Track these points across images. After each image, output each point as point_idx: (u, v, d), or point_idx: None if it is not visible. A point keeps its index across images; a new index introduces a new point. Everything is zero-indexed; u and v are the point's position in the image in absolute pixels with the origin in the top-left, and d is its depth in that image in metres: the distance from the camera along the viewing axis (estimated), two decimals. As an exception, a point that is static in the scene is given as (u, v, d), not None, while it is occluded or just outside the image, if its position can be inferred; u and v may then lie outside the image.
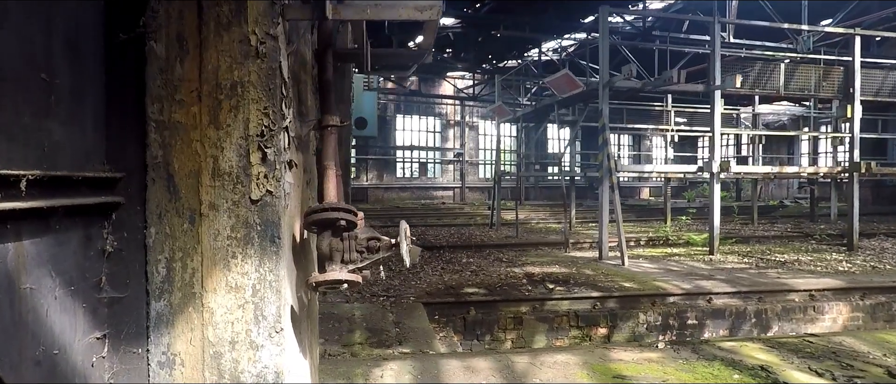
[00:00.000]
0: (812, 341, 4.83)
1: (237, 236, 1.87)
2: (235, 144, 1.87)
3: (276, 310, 1.91)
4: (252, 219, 1.88)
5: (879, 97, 10.65)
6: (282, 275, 1.93)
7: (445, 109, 27.03)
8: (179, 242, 1.86)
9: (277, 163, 1.92)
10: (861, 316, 7.13)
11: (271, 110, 1.90)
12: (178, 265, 1.86)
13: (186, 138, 1.87)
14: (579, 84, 9.39)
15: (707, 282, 7.48)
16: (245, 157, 1.88)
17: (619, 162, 8.99)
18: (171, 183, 1.86)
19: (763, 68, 9.92)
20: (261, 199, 1.89)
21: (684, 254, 9.98)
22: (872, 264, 8.75)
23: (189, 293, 1.86)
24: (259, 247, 1.89)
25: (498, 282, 7.54)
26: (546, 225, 15.94)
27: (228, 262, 1.86)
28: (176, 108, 1.87)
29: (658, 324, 6.69)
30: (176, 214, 1.86)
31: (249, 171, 1.88)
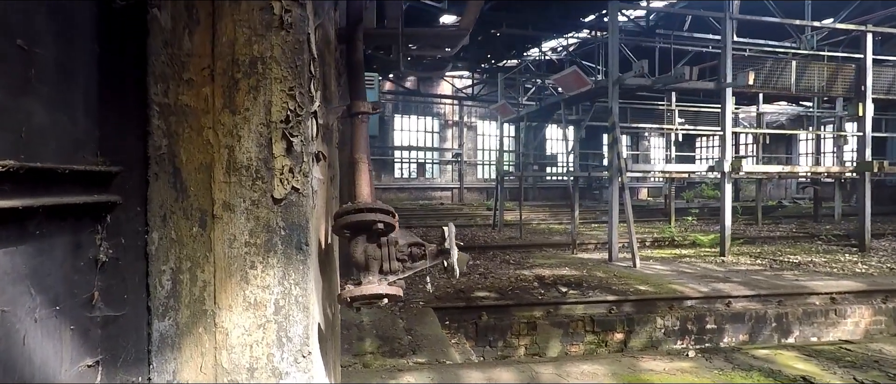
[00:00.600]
0: (850, 349, 4.55)
1: (257, 242, 1.56)
2: (255, 132, 1.55)
3: (303, 330, 1.60)
4: (275, 221, 1.57)
5: (891, 95, 10.44)
6: (310, 289, 1.62)
7: (444, 109, 26.72)
8: (187, 250, 1.54)
9: (304, 154, 1.61)
10: (884, 319, 6.89)
11: (298, 92, 1.59)
12: (186, 277, 1.54)
13: (196, 125, 1.55)
14: (588, 81, 9.11)
15: (723, 284, 7.21)
16: (267, 147, 1.57)
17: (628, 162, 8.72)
18: (177, 178, 1.54)
19: (773, 66, 9.68)
20: (285, 198, 1.58)
21: (694, 255, 9.72)
22: (889, 266, 8.52)
23: (199, 310, 1.55)
24: (283, 256, 1.58)
25: (508, 285, 7.25)
26: (548, 226, 15.67)
27: (246, 274, 1.55)
28: (184, 88, 1.55)
29: (676, 329, 6.41)
30: (183, 216, 1.54)
31: (272, 165, 1.57)
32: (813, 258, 9.13)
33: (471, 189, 27.06)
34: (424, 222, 17.13)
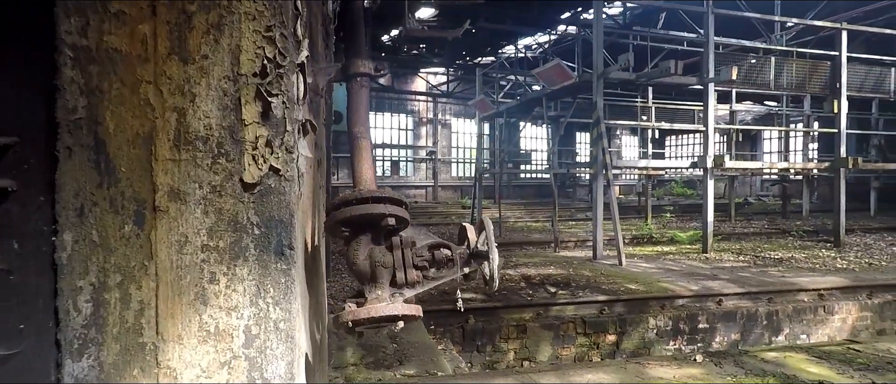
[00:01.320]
0: (858, 350, 4.32)
1: (220, 246, 1.09)
2: (217, 89, 1.08)
3: (285, 368, 1.13)
4: (245, 216, 1.10)
5: (863, 92, 10.51)
6: (295, 310, 1.15)
7: (418, 106, 26.21)
8: (117, 257, 1.06)
9: (288, 122, 1.14)
10: (870, 315, 6.78)
11: (279, 33, 1.12)
12: (115, 296, 1.06)
13: (130, 79, 1.07)
14: (571, 75, 8.80)
15: (712, 282, 6.99)
16: (233, 110, 1.10)
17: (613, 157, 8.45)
18: (101, 155, 1.06)
19: (753, 63, 9.58)
20: (260, 184, 1.11)
21: (676, 251, 9.54)
22: (867, 261, 8.50)
23: (134, 344, 1.07)
24: (257, 264, 1.11)
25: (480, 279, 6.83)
26: (525, 224, 15.38)
27: (204, 291, 1.08)
28: (111, 25, 1.06)
29: (668, 329, 6.14)
30: (110, 209, 1.06)
31: (241, 136, 1.10)
32: (793, 254, 9.06)
33: (445, 187, 26.65)
34: (400, 221, 16.63)
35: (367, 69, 1.43)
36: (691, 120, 18.42)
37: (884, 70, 10.86)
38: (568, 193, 26.52)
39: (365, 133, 1.39)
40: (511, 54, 19.87)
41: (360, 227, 1.24)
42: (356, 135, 1.38)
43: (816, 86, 10.05)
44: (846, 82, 9.81)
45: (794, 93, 10.94)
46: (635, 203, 20.53)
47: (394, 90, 24.61)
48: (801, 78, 9.87)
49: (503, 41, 19.89)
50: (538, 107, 11.61)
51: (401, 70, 23.81)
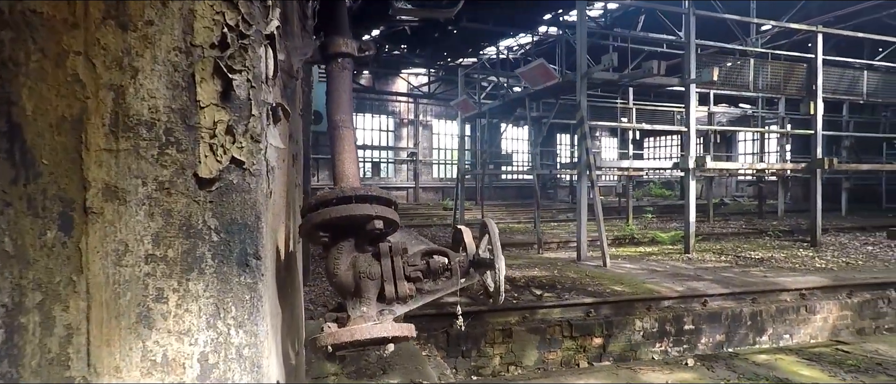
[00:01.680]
0: (847, 351, 4.27)
1: (169, 256, 0.88)
2: (165, 64, 0.88)
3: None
4: (201, 218, 0.90)
5: (837, 95, 10.66)
6: (262, 332, 0.95)
7: (399, 107, 25.97)
8: (36, 271, 0.85)
9: (254, 104, 0.94)
10: (850, 314, 6.80)
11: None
12: (34, 320, 0.85)
13: (53, 48, 0.86)
14: (555, 74, 8.70)
15: (697, 283, 6.94)
16: (186, 89, 0.90)
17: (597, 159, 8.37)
18: (15, 143, 0.84)
19: (733, 64, 9.62)
20: (220, 179, 0.91)
21: (659, 252, 9.51)
22: (844, 260, 8.57)
23: (59, 380, 0.86)
24: (216, 278, 0.91)
25: (478, 288, 6.66)
26: (507, 225, 15.27)
27: (149, 312, 0.88)
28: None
29: (654, 331, 6.04)
30: (28, 211, 0.84)
31: (195, 121, 0.90)
32: (773, 254, 9.11)
33: (426, 188, 26.45)
34: (381, 222, 16.37)
35: (349, 49, 1.23)
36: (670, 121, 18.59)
37: (856, 73, 11.04)
38: (549, 194, 26.58)
39: (347, 122, 1.20)
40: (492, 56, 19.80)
41: (342, 232, 1.05)
42: (337, 124, 1.18)
43: (793, 88, 10.15)
44: (822, 84, 9.92)
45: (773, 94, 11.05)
46: (615, 204, 20.64)
47: (374, 91, 24.33)
48: (779, 80, 9.96)
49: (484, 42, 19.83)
50: (520, 107, 11.51)
51: (382, 70, 23.56)
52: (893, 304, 7.07)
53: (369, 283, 1.01)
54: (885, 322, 7.01)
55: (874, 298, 6.98)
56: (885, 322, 7.01)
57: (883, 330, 6.94)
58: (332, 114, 1.21)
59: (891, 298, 7.08)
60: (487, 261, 1.06)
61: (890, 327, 7.00)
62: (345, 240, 1.05)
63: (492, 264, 1.05)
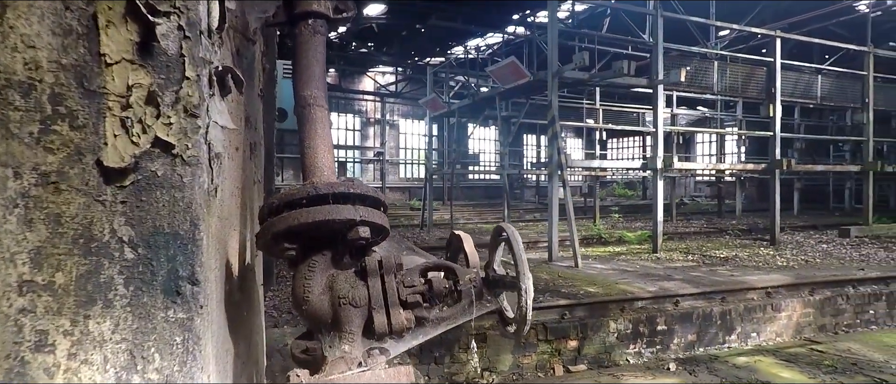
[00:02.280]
0: (821, 350, 4.24)
1: (56, 282, 0.60)
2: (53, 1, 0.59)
3: None
4: (107, 226, 0.62)
5: (794, 98, 10.95)
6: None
7: (366, 106, 25.48)
8: None
9: (190, 63, 0.66)
10: (812, 311, 6.90)
11: None
12: None
13: None
14: (526, 73, 8.56)
15: (668, 283, 6.91)
16: (83, 36, 0.61)
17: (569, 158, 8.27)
18: None
19: (698, 66, 9.73)
20: (137, 169, 0.63)
21: (627, 252, 9.51)
22: (803, 258, 8.77)
23: None
24: (132, 313, 0.63)
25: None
26: (476, 225, 15.11)
27: (25, 365, 0.59)
28: None
29: (629, 333, 5.94)
30: None
31: (99, 83, 0.62)
32: (737, 253, 9.24)
33: (393, 189, 26.06)
34: (347, 223, 15.95)
35: (321, 8, 0.96)
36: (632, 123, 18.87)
37: (811, 77, 11.39)
38: (516, 195, 26.62)
39: (321, 99, 0.92)
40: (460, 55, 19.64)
41: (315, 243, 0.78)
42: (307, 101, 0.91)
43: (754, 90, 10.36)
44: (780, 87, 10.16)
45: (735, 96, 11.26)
46: (581, 204, 20.83)
47: (341, 89, 23.80)
48: (741, 82, 10.14)
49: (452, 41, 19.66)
50: (490, 107, 11.34)
51: (348, 68, 23.06)
52: (852, 301, 7.24)
53: (352, 312, 0.74)
54: (845, 318, 7.16)
55: (834, 295, 7.11)
56: (845, 318, 7.16)
57: (842, 326, 7.09)
58: (301, 88, 0.93)
59: (849, 295, 7.24)
60: (507, 280, 0.82)
61: (849, 323, 7.16)
62: (319, 253, 0.78)
63: (513, 283, 0.81)
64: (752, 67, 10.52)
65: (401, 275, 0.78)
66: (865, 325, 7.28)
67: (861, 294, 7.33)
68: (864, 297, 7.35)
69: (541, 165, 20.98)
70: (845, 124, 17.76)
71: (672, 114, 14.20)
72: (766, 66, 10.47)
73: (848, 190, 18.66)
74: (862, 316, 7.31)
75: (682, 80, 8.42)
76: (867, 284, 7.51)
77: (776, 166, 10.19)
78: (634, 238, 10.95)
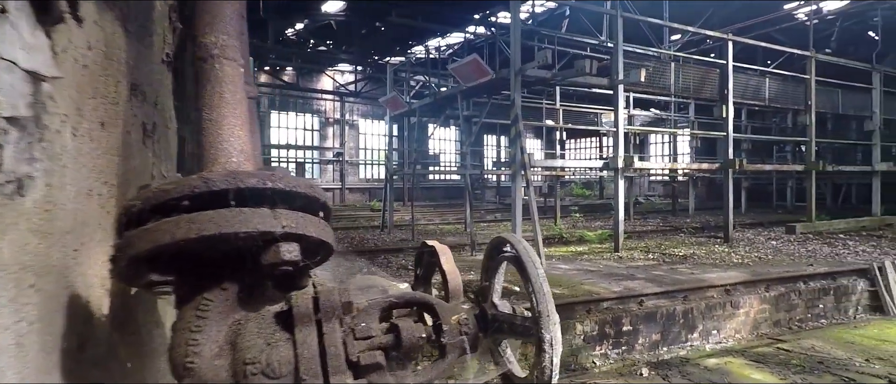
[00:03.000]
0: (788, 350, 4.19)
1: None
2: None
3: None
4: None
5: (745, 99, 11.24)
6: None
7: (324, 106, 24.77)
8: None
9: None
10: (768, 307, 7.00)
11: None
12: None
13: None
14: (489, 71, 8.36)
15: (632, 282, 6.84)
16: None
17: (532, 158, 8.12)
18: None
19: (655, 68, 9.80)
20: None
21: (589, 251, 9.47)
22: (756, 255, 8.95)
23: None
24: None
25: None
26: (437, 226, 14.84)
27: None
28: None
29: (595, 334, 5.81)
30: None
31: None
32: (694, 250, 9.35)
33: (353, 190, 25.47)
34: (305, 225, 15.34)
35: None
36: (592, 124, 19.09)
37: (760, 79, 11.74)
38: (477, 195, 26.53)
39: (230, 50, 0.61)
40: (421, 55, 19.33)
41: (208, 271, 0.47)
42: (209, 50, 0.60)
43: (708, 91, 10.55)
44: (733, 89, 10.39)
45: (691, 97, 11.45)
46: (542, 204, 20.92)
47: (299, 88, 23.04)
48: (696, 83, 10.31)
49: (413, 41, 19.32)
50: (451, 106, 11.10)
51: (306, 66, 22.34)
52: (803, 296, 7.40)
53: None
54: (797, 313, 7.31)
55: (787, 291, 7.25)
56: (797, 313, 7.31)
57: (795, 321, 7.23)
58: (202, 33, 0.62)
59: (801, 291, 7.40)
60: (517, 323, 0.51)
61: (801, 318, 7.31)
62: (214, 288, 0.47)
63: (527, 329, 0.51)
64: (705, 70, 10.72)
65: (351, 320, 0.49)
66: (816, 319, 7.46)
67: (812, 289, 7.52)
68: (815, 292, 7.54)
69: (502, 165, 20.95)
70: (787, 126, 18.57)
71: (629, 114, 14.36)
72: (719, 67, 10.68)
73: (790, 189, 19.51)
74: (812, 310, 7.49)
75: (641, 79, 8.42)
76: (817, 279, 7.71)
77: (729, 166, 10.41)
78: (595, 237, 10.96)
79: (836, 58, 13.45)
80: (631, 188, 16.36)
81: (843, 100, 13.32)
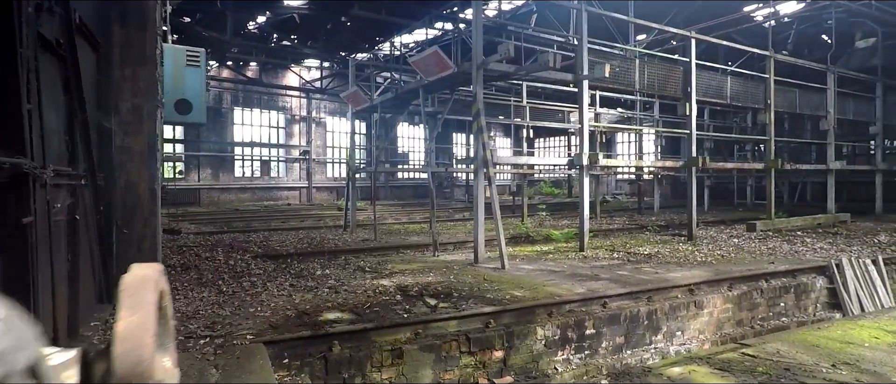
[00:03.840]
0: (753, 355, 3.93)
1: None
2: None
3: None
4: None
5: (708, 97, 11.17)
6: None
7: (290, 103, 23.96)
8: None
9: None
10: (731, 307, 6.83)
11: None
12: None
13: None
14: (450, 64, 7.96)
15: (595, 283, 6.56)
16: None
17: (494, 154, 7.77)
18: None
19: (620, 65, 9.59)
20: None
21: (554, 251, 9.19)
22: (719, 253, 8.83)
23: None
24: None
25: (365, 301, 5.69)
26: (403, 225, 14.39)
27: None
28: None
29: (556, 339, 5.49)
30: None
31: None
32: (659, 249, 9.17)
33: (320, 188, 24.75)
34: (268, 225, 14.70)
35: None
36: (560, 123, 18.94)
37: (722, 78, 11.70)
38: (446, 193, 26.16)
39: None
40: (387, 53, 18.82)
41: None
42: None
43: (672, 89, 10.42)
44: (696, 87, 10.27)
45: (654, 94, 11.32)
46: (509, 202, 20.70)
47: (263, 84, 22.19)
48: (660, 81, 10.15)
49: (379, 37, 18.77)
50: (415, 101, 10.66)
51: (271, 62, 21.52)
52: (765, 294, 7.27)
53: None
54: (759, 312, 7.17)
55: (749, 290, 7.10)
56: (759, 312, 7.17)
57: (758, 320, 7.09)
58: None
59: (762, 289, 7.27)
60: None
61: (763, 316, 7.18)
62: None
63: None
64: (669, 68, 10.59)
65: None
66: (777, 317, 7.35)
67: (773, 287, 7.40)
68: (776, 290, 7.43)
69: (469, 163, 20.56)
70: (747, 125, 18.81)
71: (595, 113, 14.20)
72: (683, 65, 10.56)
73: (750, 187, 19.80)
74: (774, 309, 7.37)
75: (606, 75, 8.17)
76: (778, 277, 7.61)
77: (692, 163, 10.30)
78: (561, 236, 10.71)
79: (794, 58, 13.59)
80: (598, 186, 16.26)
81: (800, 100, 13.46)
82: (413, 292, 6.06)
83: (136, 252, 5.32)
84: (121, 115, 5.34)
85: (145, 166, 5.38)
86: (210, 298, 5.71)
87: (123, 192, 5.33)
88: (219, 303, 5.50)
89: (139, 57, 5.37)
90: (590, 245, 9.34)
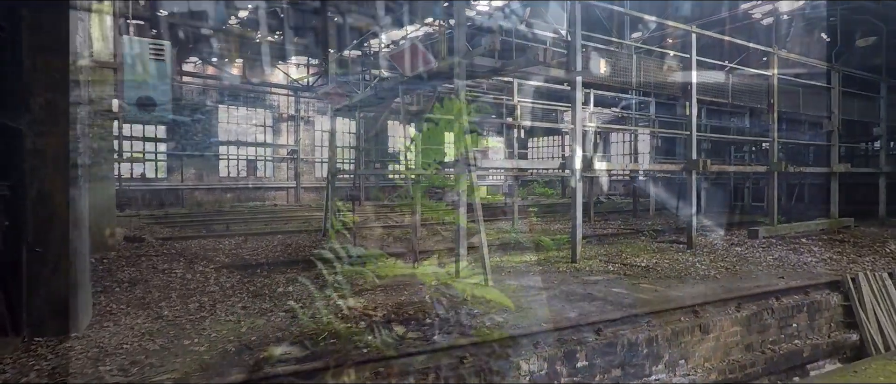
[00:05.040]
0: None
1: None
2: None
3: None
4: None
5: (708, 96, 10.37)
6: None
7: (278, 101, 23.04)
8: None
9: None
10: (739, 329, 6.03)
11: None
12: None
13: None
14: (430, 58, 7.11)
15: (589, 304, 5.74)
16: None
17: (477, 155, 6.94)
18: None
19: (616, 62, 8.76)
20: None
21: (545, 260, 8.36)
22: (722, 264, 8.03)
23: None
24: None
25: (323, 329, 4.83)
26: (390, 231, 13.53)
27: None
28: None
29: (544, 374, 4.66)
30: None
31: None
32: (657, 259, 8.36)
33: (309, 189, 23.85)
34: (248, 228, 13.84)
35: None
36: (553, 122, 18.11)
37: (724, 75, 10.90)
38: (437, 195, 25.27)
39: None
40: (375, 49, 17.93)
41: None
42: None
43: (670, 87, 9.60)
44: (696, 84, 9.46)
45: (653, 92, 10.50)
46: (502, 204, 19.86)
47: (248, 81, 21.26)
48: (658, 78, 9.33)
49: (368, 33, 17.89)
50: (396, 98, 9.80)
51: (257, 59, 20.59)
52: (776, 315, 6.47)
53: None
54: (770, 335, 6.36)
55: (759, 310, 6.29)
56: (770, 335, 6.36)
57: (768, 343, 6.29)
58: None
59: (774, 309, 6.46)
60: None
61: (774, 339, 6.38)
62: None
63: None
64: (668, 64, 9.76)
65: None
66: (790, 340, 6.55)
67: (784, 306, 6.59)
68: (787, 310, 6.62)
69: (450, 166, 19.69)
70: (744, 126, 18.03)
71: (589, 113, 13.37)
72: (683, 61, 9.74)
73: (747, 189, 19.03)
74: (785, 330, 6.56)
75: (601, 71, 7.33)
76: (789, 295, 6.80)
77: (693, 166, 9.49)
78: (552, 243, 9.88)
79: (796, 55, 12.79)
80: (592, 187, 15.44)
81: (803, 99, 12.67)
82: (379, 318, 5.20)
83: (51, 273, 4.45)
84: (32, 113, 4.47)
85: (61, 172, 4.51)
86: (143, 326, 4.85)
87: (35, 204, 4.46)
88: (150, 334, 4.63)
89: (54, 43, 4.50)
90: (583, 254, 8.51)
